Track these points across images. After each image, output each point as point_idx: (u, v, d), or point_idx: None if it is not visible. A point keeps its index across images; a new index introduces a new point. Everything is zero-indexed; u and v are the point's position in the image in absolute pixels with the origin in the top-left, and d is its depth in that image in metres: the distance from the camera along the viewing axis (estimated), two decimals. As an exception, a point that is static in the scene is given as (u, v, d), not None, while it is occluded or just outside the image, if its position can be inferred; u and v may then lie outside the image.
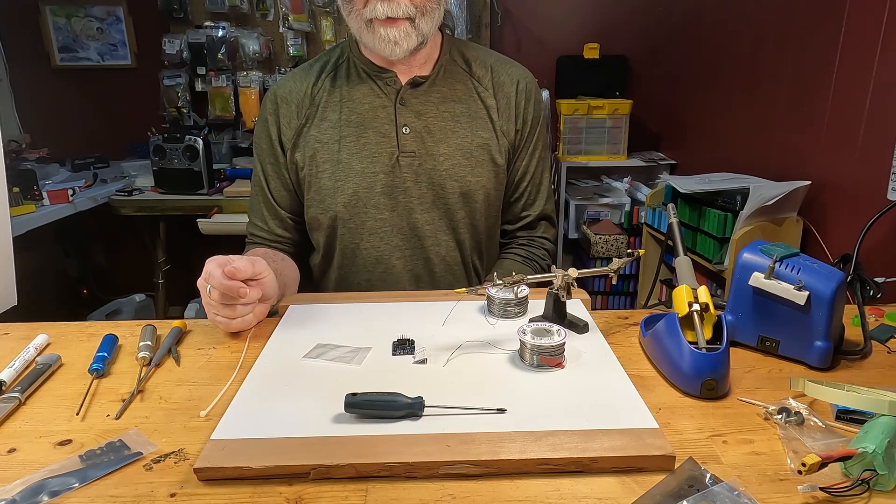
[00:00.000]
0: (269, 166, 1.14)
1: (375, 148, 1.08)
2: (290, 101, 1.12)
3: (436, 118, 1.10)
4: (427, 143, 1.09)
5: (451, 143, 1.10)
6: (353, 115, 1.09)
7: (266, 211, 1.17)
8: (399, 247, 1.12)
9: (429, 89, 1.10)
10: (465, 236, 1.14)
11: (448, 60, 1.13)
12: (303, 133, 1.11)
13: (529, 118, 1.15)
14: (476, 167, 1.11)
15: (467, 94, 1.13)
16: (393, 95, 1.09)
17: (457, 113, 1.11)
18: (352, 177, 1.08)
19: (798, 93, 1.92)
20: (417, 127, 1.09)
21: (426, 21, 1.02)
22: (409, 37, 1.01)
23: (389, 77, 1.09)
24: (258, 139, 1.16)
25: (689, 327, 0.75)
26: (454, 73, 1.13)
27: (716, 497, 0.53)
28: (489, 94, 1.13)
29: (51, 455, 0.62)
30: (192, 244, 3.00)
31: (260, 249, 1.15)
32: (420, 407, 0.64)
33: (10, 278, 1.16)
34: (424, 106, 1.10)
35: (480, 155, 1.11)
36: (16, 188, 2.22)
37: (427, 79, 1.10)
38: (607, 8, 2.97)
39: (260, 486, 0.57)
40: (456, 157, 1.10)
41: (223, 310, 0.84)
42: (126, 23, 2.92)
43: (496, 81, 1.14)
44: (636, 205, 2.87)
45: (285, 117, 1.12)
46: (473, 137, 1.11)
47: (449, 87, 1.12)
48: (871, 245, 1.23)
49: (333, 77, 1.13)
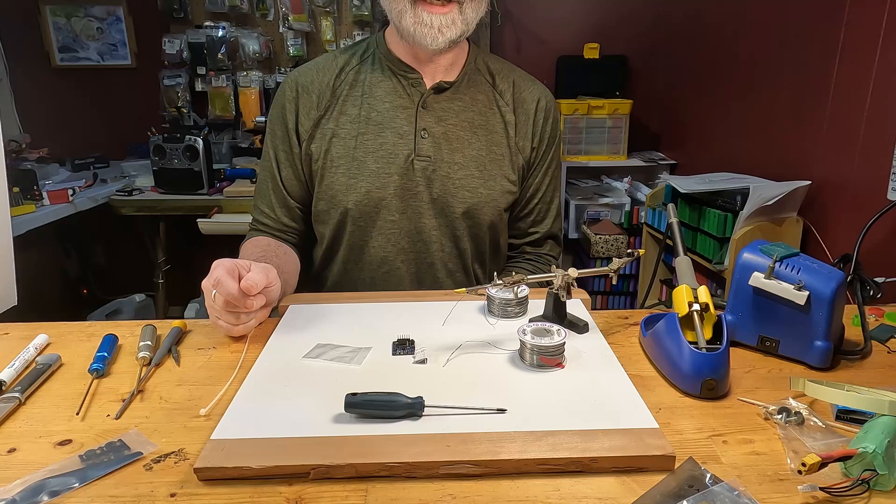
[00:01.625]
0: (282, 154, 1.13)
1: (392, 149, 1.07)
2: (311, 90, 1.10)
3: (455, 126, 1.09)
4: (444, 149, 1.08)
5: (466, 153, 1.09)
6: (374, 113, 1.08)
7: (275, 199, 1.15)
8: (405, 249, 1.12)
9: (452, 96, 1.10)
10: (468, 245, 1.14)
11: (473, 69, 1.13)
12: (320, 124, 1.09)
13: (546, 137, 1.16)
14: (489, 180, 1.11)
15: (488, 106, 1.12)
16: (416, 98, 1.08)
17: (476, 124, 1.11)
18: (366, 175, 1.07)
19: (798, 93, 1.92)
20: (436, 132, 1.08)
21: (474, 7, 1.00)
22: (454, 24, 0.98)
23: (415, 78, 1.08)
24: (273, 125, 1.13)
25: (689, 327, 0.75)
26: (478, 83, 1.13)
27: (716, 497, 0.53)
28: (509, 110, 1.13)
29: (51, 455, 0.62)
30: (192, 244, 3.00)
31: (263, 239, 1.13)
32: (420, 407, 0.64)
33: (10, 278, 1.16)
34: (446, 112, 1.09)
35: (493, 169, 1.11)
36: (16, 188, 2.22)
37: (452, 85, 1.10)
38: (607, 8, 2.97)
39: (260, 486, 0.57)
40: (470, 167, 1.10)
41: (227, 316, 0.83)
42: (126, 23, 2.92)
43: (517, 98, 1.14)
44: (636, 205, 2.87)
45: (305, 107, 1.10)
46: (489, 151, 1.11)
47: (471, 97, 1.11)
48: (871, 245, 1.23)
49: (357, 71, 1.11)
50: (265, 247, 1.10)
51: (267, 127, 1.16)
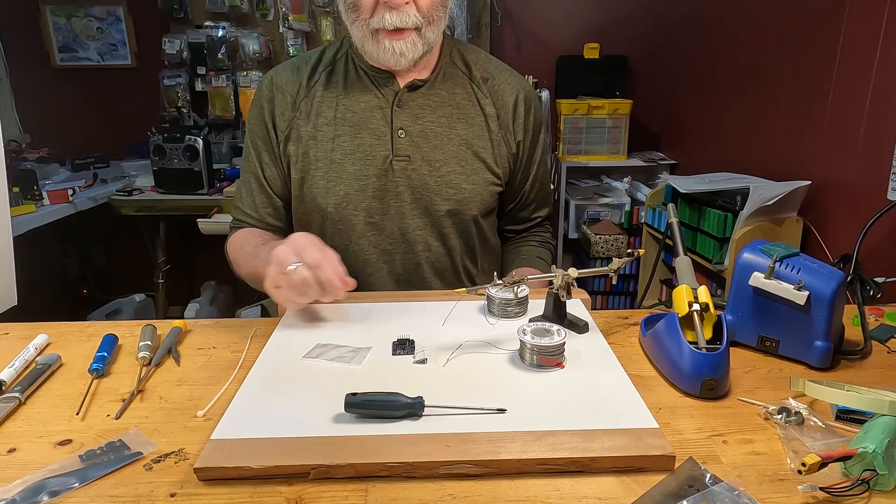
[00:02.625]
0: (265, 153, 1.11)
1: (369, 150, 1.07)
2: (285, 90, 1.10)
3: (433, 122, 1.08)
4: (423, 147, 1.07)
5: (446, 149, 1.08)
6: (349, 114, 1.07)
7: (258, 199, 1.13)
8: (387, 251, 1.11)
9: (427, 92, 1.09)
10: (456, 242, 1.13)
11: (448, 63, 1.11)
12: (295, 126, 1.09)
13: (531, 129, 1.15)
14: (471, 175, 1.09)
15: (466, 99, 1.11)
16: (391, 97, 1.07)
17: (454, 118, 1.09)
18: (344, 178, 1.07)
19: (798, 93, 1.92)
20: (413, 131, 1.07)
21: (432, 30, 1.01)
22: (414, 47, 0.99)
23: (388, 78, 1.08)
24: (253, 124, 1.12)
25: (689, 327, 0.75)
26: (454, 76, 1.11)
27: (716, 497, 0.53)
28: (489, 103, 1.11)
29: (51, 455, 0.62)
30: (192, 244, 3.00)
31: (256, 231, 1.13)
32: (420, 407, 0.64)
33: (10, 278, 1.16)
34: (422, 109, 1.08)
35: (476, 163, 1.10)
36: (16, 188, 2.22)
37: (426, 82, 1.09)
38: (607, 8, 2.97)
39: (260, 486, 0.57)
40: (451, 163, 1.08)
41: (295, 294, 0.83)
42: (126, 23, 2.92)
43: (495, 90, 1.12)
44: (636, 205, 2.87)
45: (280, 107, 1.09)
46: (470, 144, 1.09)
47: (448, 91, 1.10)
48: (871, 245, 1.23)
49: (331, 72, 1.11)
50: (263, 235, 1.10)
51: (247, 128, 1.15)
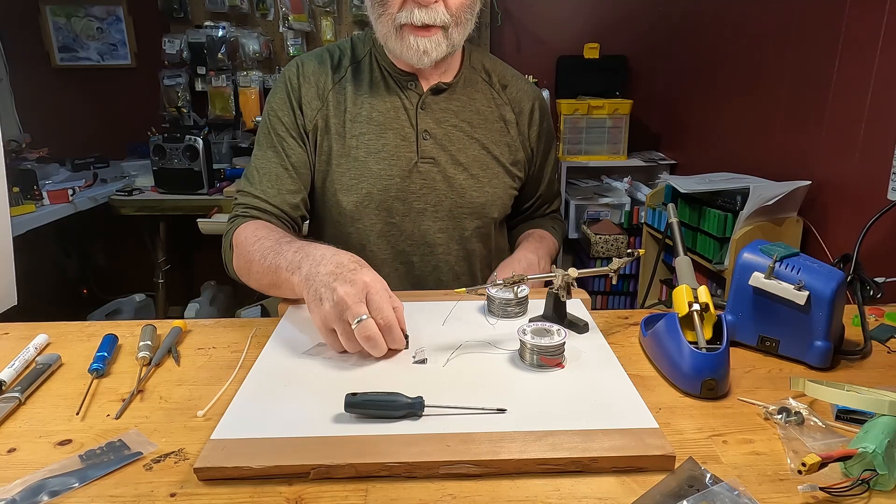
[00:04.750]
0: (291, 139, 1.06)
1: (395, 150, 1.07)
2: (312, 81, 1.08)
3: (454, 127, 1.09)
4: (447, 151, 1.08)
5: (469, 153, 1.10)
6: (375, 113, 1.07)
7: (282, 183, 1.05)
8: (405, 252, 1.11)
9: (450, 96, 1.10)
10: (476, 246, 1.14)
11: (469, 68, 1.13)
12: (320, 119, 1.07)
13: (544, 134, 1.19)
14: (493, 178, 1.11)
15: (486, 105, 1.13)
16: (415, 99, 1.08)
17: (475, 123, 1.11)
18: (367, 177, 1.06)
19: (798, 93, 1.92)
20: (438, 134, 1.08)
21: (459, 31, 1.00)
22: (439, 46, 0.98)
23: (412, 80, 1.08)
24: (279, 106, 1.07)
25: (689, 327, 0.75)
26: (475, 83, 1.13)
27: (716, 497, 0.53)
28: (508, 109, 1.14)
29: (51, 455, 0.62)
30: (192, 244, 3.01)
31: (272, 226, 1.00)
32: (420, 407, 0.64)
33: (10, 278, 1.16)
34: (445, 113, 1.09)
35: (496, 167, 1.12)
36: (16, 188, 2.22)
37: (450, 86, 1.10)
38: (607, 8, 2.97)
39: (260, 486, 0.57)
40: (473, 167, 1.10)
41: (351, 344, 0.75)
42: (126, 23, 2.92)
43: (513, 97, 1.15)
44: (636, 205, 2.86)
45: (307, 96, 1.07)
46: (490, 149, 1.11)
47: (469, 97, 1.11)
48: (871, 245, 1.22)
49: (357, 69, 1.10)
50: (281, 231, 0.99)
51: (267, 114, 1.09)
